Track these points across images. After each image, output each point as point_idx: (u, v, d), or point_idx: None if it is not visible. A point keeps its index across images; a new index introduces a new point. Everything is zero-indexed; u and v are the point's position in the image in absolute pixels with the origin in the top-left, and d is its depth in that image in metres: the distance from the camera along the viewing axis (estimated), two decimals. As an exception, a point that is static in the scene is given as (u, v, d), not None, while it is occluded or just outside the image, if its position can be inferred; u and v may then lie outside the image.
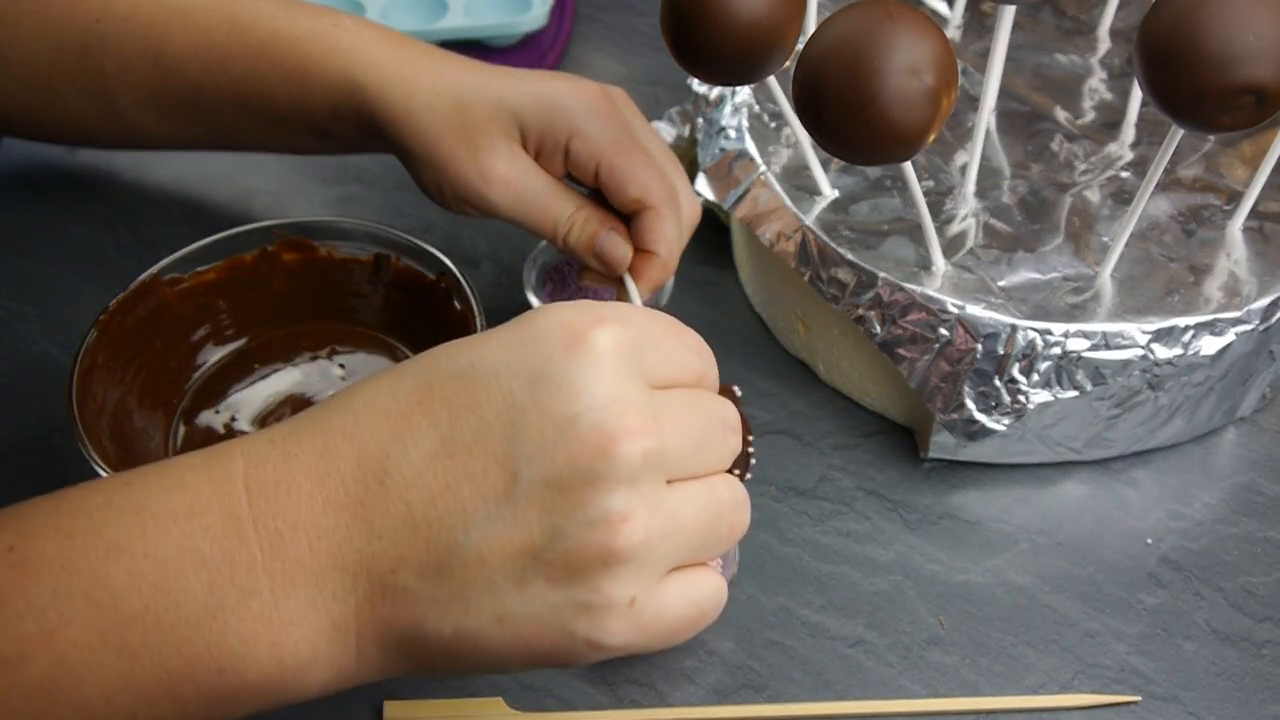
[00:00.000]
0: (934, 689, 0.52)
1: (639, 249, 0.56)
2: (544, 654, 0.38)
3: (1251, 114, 0.47)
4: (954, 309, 0.55)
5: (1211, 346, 0.55)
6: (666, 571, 0.38)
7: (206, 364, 0.59)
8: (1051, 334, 0.54)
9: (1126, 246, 0.57)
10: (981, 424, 0.56)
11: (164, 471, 0.38)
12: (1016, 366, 0.55)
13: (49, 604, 0.36)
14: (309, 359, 0.59)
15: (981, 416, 0.56)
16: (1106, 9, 0.69)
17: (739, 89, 0.65)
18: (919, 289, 0.56)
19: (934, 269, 0.57)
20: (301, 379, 0.58)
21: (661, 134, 0.70)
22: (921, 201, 0.54)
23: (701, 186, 0.64)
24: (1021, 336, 0.54)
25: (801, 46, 0.50)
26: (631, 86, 0.79)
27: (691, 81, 0.68)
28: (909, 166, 0.53)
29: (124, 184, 0.74)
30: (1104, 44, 0.69)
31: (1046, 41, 0.69)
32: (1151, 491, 0.59)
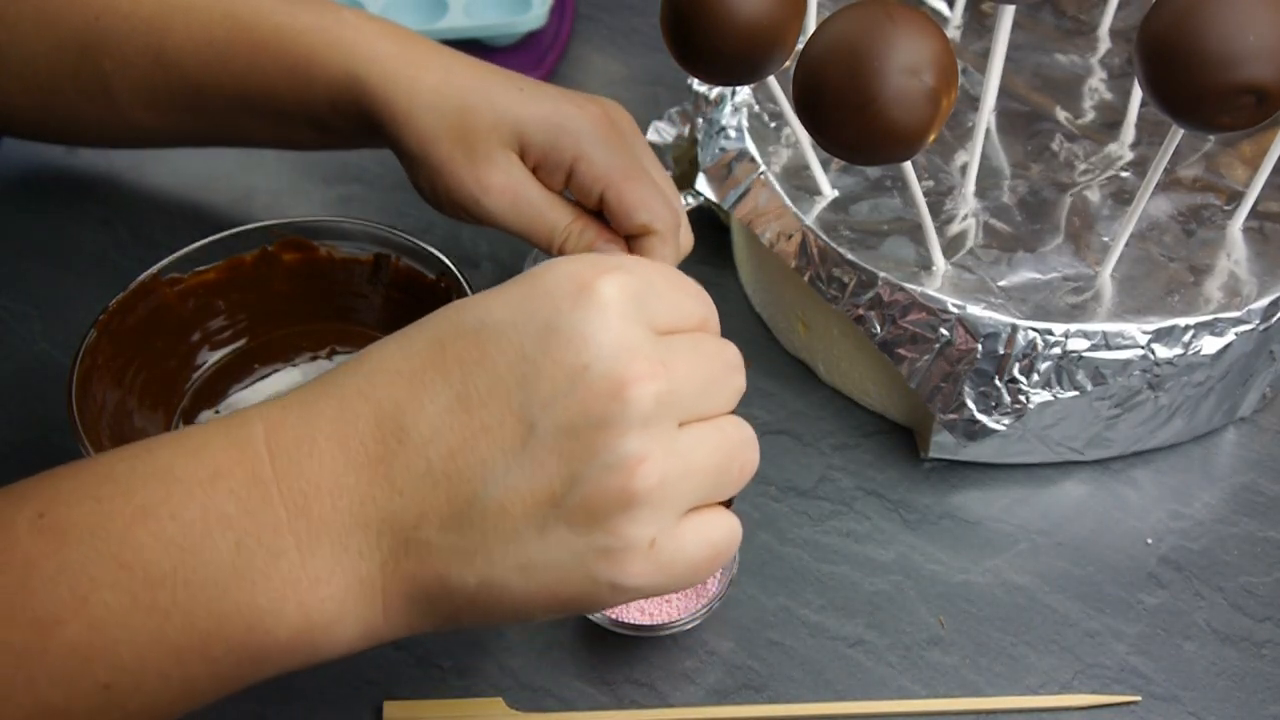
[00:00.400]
0: (934, 689, 0.52)
1: None
2: (567, 600, 0.39)
3: (1251, 114, 0.47)
4: (954, 309, 0.55)
5: (1211, 346, 0.55)
6: (683, 513, 0.39)
7: (206, 364, 0.59)
8: (1052, 334, 0.54)
9: (1126, 246, 0.57)
10: (982, 424, 0.56)
11: (186, 437, 0.39)
12: (1017, 366, 0.55)
13: (80, 568, 0.36)
14: (309, 359, 0.59)
15: (982, 416, 0.56)
16: (1106, 9, 0.69)
17: (739, 89, 0.65)
18: (919, 289, 0.56)
19: (934, 269, 0.57)
20: (301, 379, 0.58)
21: (661, 134, 0.70)
22: (921, 201, 0.54)
23: (701, 186, 0.64)
24: (1022, 336, 0.54)
25: (801, 46, 0.50)
26: (631, 86, 0.80)
27: (691, 81, 0.68)
28: (909, 166, 0.53)
29: (124, 184, 0.74)
30: (1104, 44, 0.69)
31: (1046, 41, 0.69)
32: (1151, 491, 0.59)
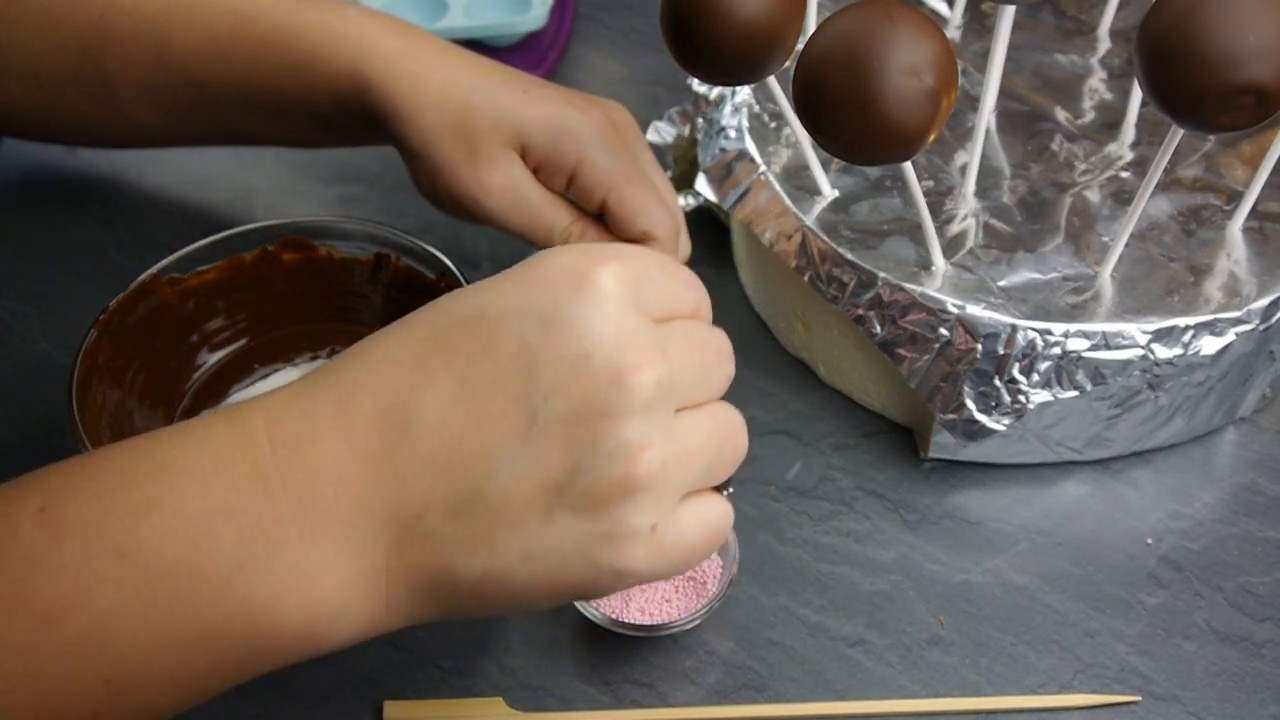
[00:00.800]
0: (934, 689, 0.52)
1: None
2: (570, 587, 0.39)
3: (1251, 114, 0.47)
4: (954, 309, 0.55)
5: (1211, 346, 0.55)
6: (681, 498, 0.39)
7: (206, 364, 0.59)
8: (1051, 334, 0.54)
9: (1126, 246, 0.57)
10: (981, 424, 0.56)
11: (187, 430, 0.39)
12: (1016, 366, 0.55)
13: (82, 562, 0.36)
14: (309, 359, 0.59)
15: (981, 416, 0.56)
16: (1106, 9, 0.69)
17: (739, 89, 0.65)
18: (919, 289, 0.56)
19: (934, 269, 0.57)
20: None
21: (661, 134, 0.70)
22: (921, 201, 0.54)
23: (701, 187, 0.64)
24: (1021, 336, 0.54)
25: (801, 46, 0.50)
26: (631, 86, 0.80)
27: (691, 81, 0.68)
28: (909, 166, 0.53)
29: (124, 184, 0.74)
30: (1104, 44, 0.69)
31: (1046, 41, 0.69)
32: (1151, 491, 0.59)
